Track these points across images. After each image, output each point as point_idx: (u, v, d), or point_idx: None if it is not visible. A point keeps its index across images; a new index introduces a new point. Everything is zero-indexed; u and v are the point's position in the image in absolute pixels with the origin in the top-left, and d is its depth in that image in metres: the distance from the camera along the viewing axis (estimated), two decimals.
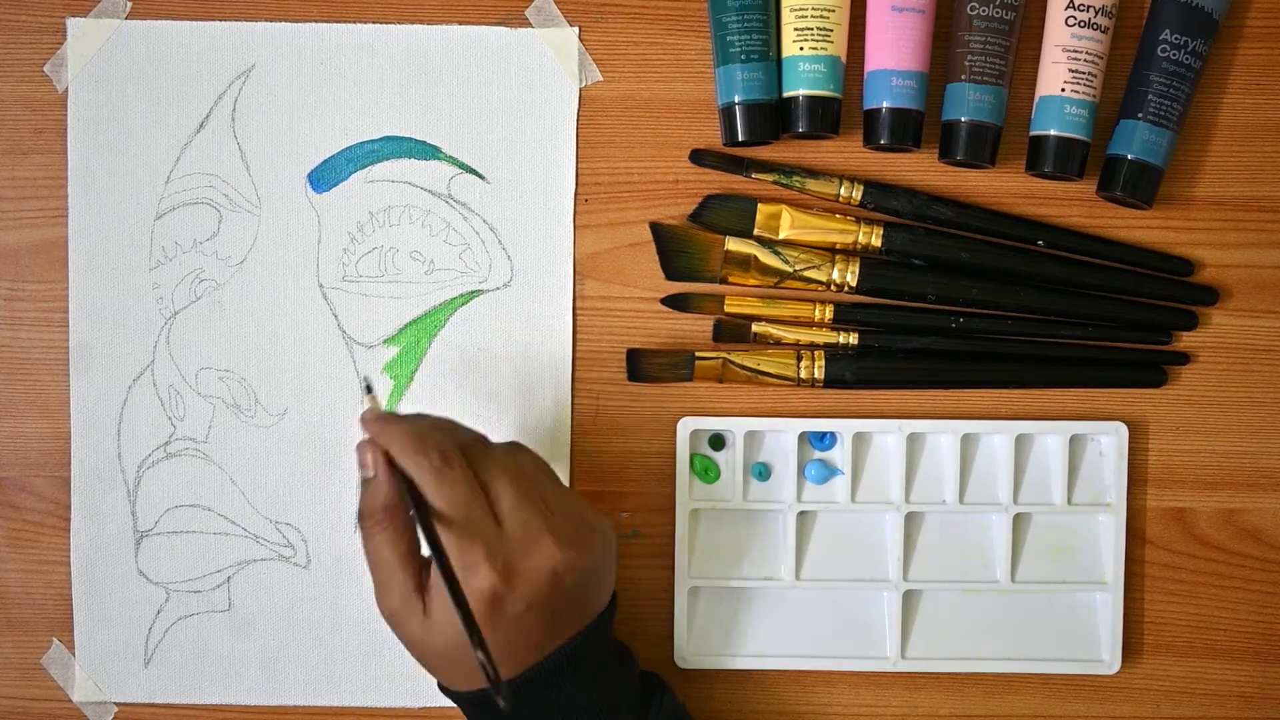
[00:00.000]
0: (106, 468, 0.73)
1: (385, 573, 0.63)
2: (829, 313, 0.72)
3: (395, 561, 0.62)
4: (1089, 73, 0.70)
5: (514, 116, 0.73)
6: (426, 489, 0.61)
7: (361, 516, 0.63)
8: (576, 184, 0.73)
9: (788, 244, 0.72)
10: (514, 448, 0.65)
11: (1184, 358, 0.74)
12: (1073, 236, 0.73)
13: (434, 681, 0.67)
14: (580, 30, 0.73)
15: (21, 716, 0.74)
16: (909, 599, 0.74)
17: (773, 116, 0.71)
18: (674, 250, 0.73)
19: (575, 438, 0.73)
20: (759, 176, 0.72)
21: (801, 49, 0.70)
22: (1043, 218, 0.73)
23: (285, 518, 0.74)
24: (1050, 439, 0.74)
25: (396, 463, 0.62)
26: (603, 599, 0.66)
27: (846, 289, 0.72)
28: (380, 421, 0.64)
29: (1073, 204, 0.74)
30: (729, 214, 0.73)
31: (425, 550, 0.62)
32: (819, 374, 0.72)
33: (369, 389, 0.67)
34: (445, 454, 0.62)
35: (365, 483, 0.63)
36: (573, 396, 0.73)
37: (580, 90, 0.73)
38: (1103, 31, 0.70)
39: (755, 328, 0.73)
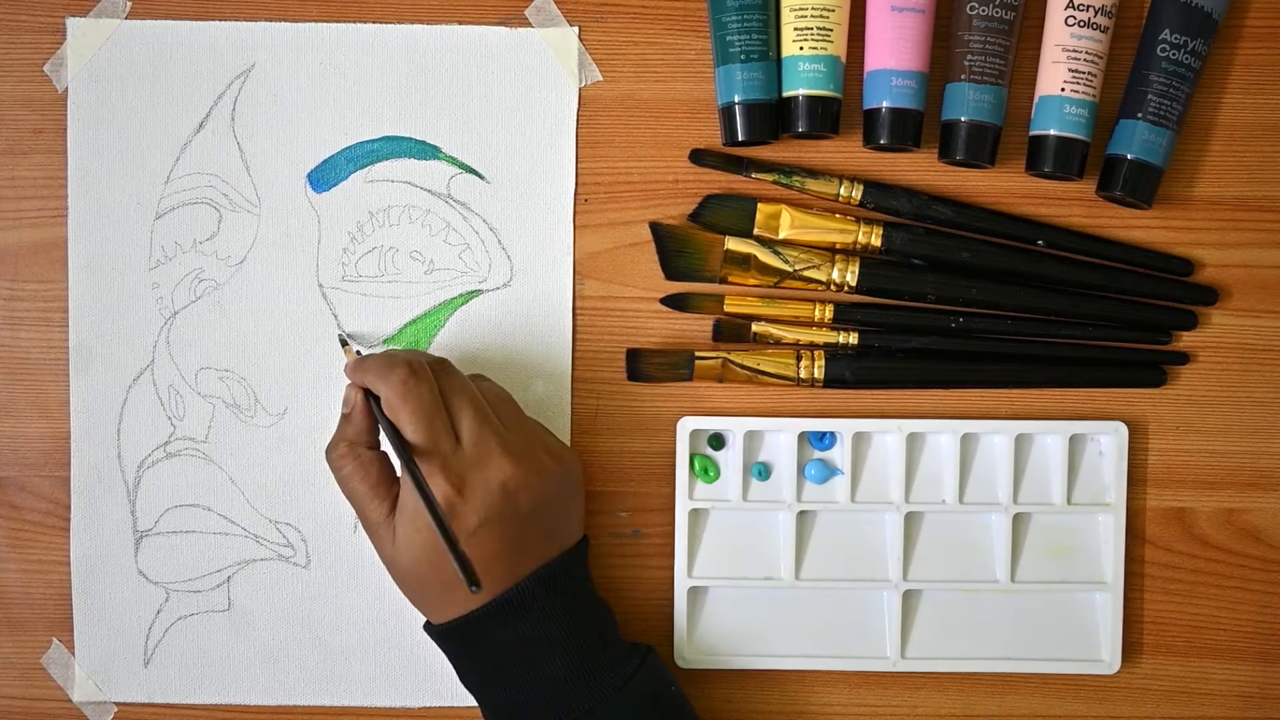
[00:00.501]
0: (106, 468, 0.73)
1: (359, 502, 0.66)
2: (829, 312, 0.72)
3: (366, 491, 0.66)
4: (1089, 73, 0.70)
5: (514, 116, 0.73)
6: (393, 401, 0.64)
7: (328, 450, 0.67)
8: (576, 184, 0.73)
9: (788, 244, 0.72)
10: (476, 377, 0.70)
11: (1184, 358, 0.74)
12: (1073, 236, 0.73)
13: (434, 681, 0.67)
14: (580, 30, 0.73)
15: (21, 716, 0.74)
16: (909, 599, 0.74)
17: (772, 116, 0.71)
18: (674, 250, 0.73)
19: (575, 438, 0.73)
20: (759, 176, 0.72)
21: (801, 49, 0.70)
22: (1043, 218, 0.73)
23: (285, 518, 0.74)
24: (1050, 439, 0.74)
25: (371, 399, 0.66)
26: (570, 530, 0.68)
27: (846, 289, 0.72)
28: (358, 361, 0.67)
29: (1073, 204, 0.74)
30: (729, 214, 0.73)
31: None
32: (819, 374, 0.72)
33: (344, 342, 0.71)
34: (413, 367, 0.65)
35: (341, 419, 0.68)
36: (573, 396, 0.73)
37: (580, 90, 0.73)
38: (1102, 31, 0.70)
39: (755, 328, 0.73)
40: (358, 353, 0.72)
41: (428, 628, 0.68)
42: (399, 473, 0.66)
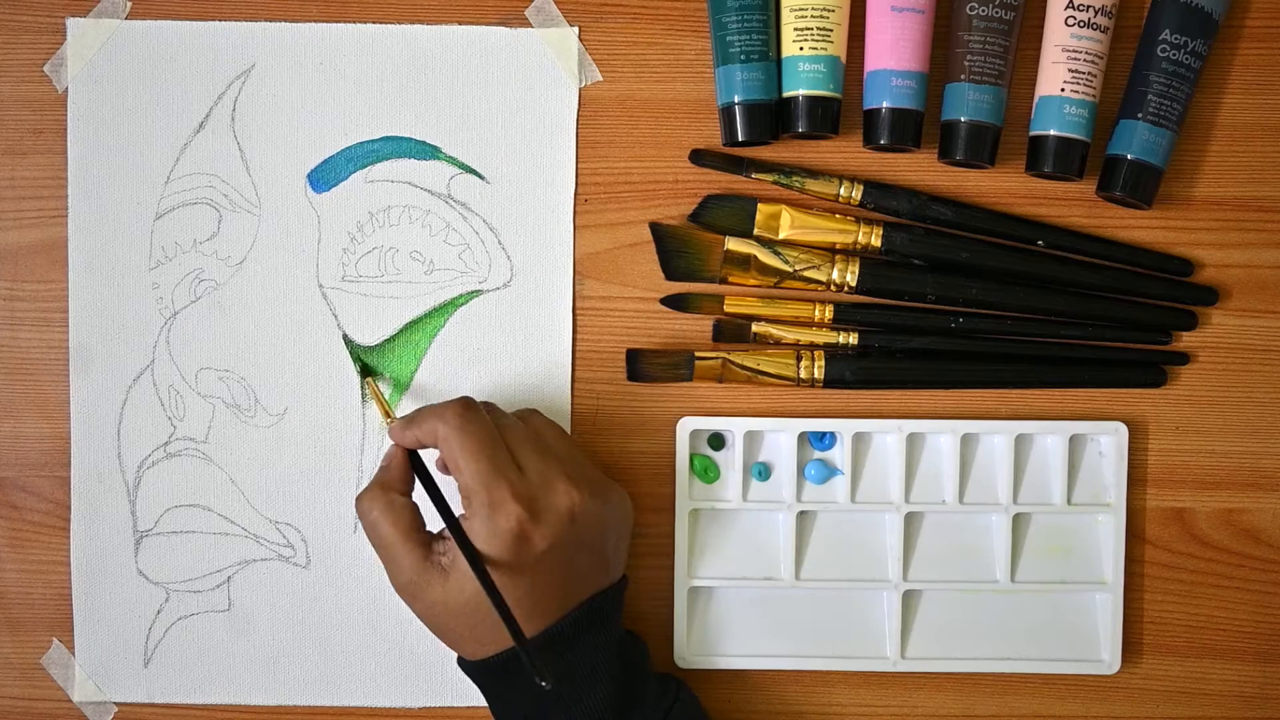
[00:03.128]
0: (106, 468, 0.73)
1: (388, 547, 0.65)
2: (829, 313, 0.72)
3: (397, 536, 0.64)
4: (1089, 73, 0.70)
5: (514, 116, 0.73)
6: (452, 438, 0.64)
7: (359, 498, 0.66)
8: (576, 184, 0.73)
9: (788, 244, 0.72)
10: (527, 413, 0.69)
11: (1184, 358, 0.74)
12: (1073, 236, 0.73)
13: (434, 681, 0.67)
14: (580, 30, 0.73)
15: (21, 716, 0.74)
16: (909, 599, 0.74)
17: (772, 116, 0.71)
18: (674, 250, 0.73)
19: (575, 438, 0.73)
20: (759, 176, 0.72)
21: (801, 49, 0.70)
22: (1043, 218, 0.73)
23: (285, 518, 0.74)
24: (1050, 439, 0.74)
25: (409, 444, 0.66)
26: (618, 564, 0.68)
27: (846, 289, 0.72)
28: (402, 420, 0.67)
29: (1073, 204, 0.74)
30: (729, 214, 0.73)
31: (433, 524, 0.65)
32: (819, 374, 0.72)
33: (369, 371, 0.72)
34: (468, 404, 0.65)
35: (377, 471, 0.68)
36: (573, 396, 0.73)
37: (580, 90, 0.73)
38: (1102, 31, 0.70)
39: (755, 328, 0.73)
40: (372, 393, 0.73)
41: (464, 664, 0.67)
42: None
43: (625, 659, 0.67)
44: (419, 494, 0.67)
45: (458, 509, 0.65)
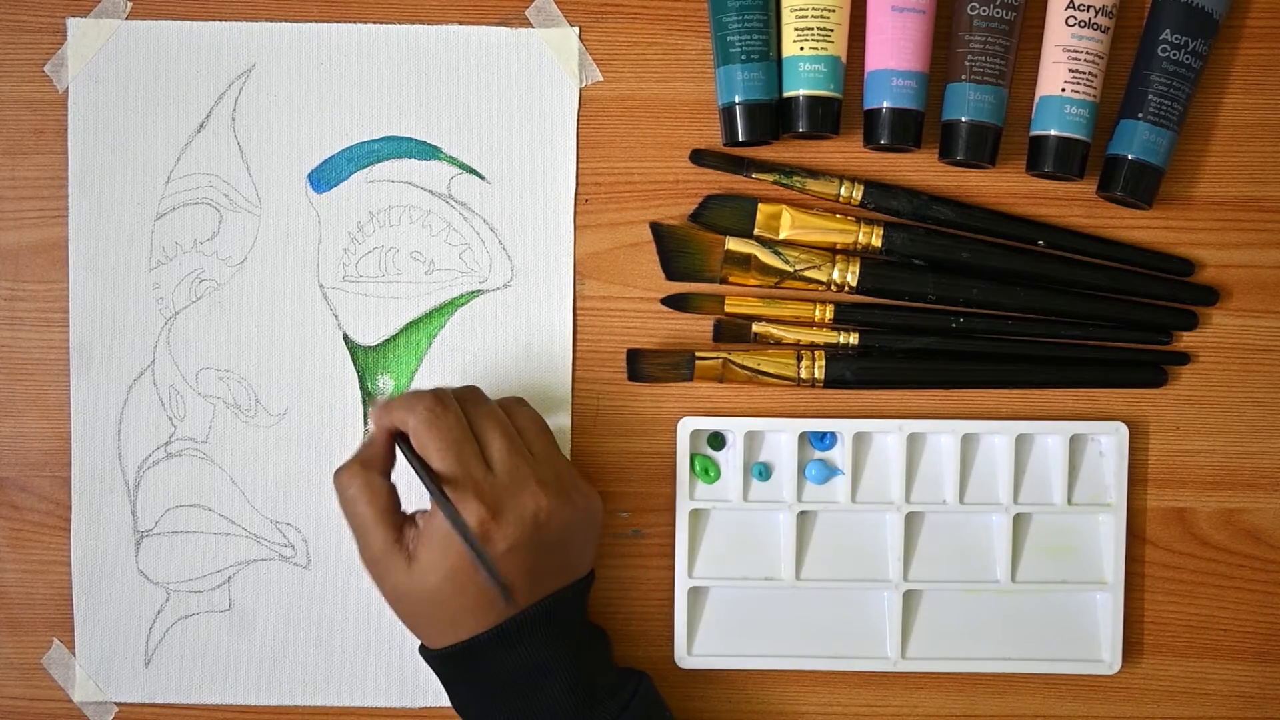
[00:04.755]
0: (106, 468, 0.73)
1: (362, 525, 0.65)
2: (829, 313, 0.72)
3: (372, 515, 0.65)
4: (1089, 73, 0.70)
5: (514, 116, 0.73)
6: (420, 431, 0.64)
7: (337, 472, 0.66)
8: (576, 184, 0.73)
9: (788, 244, 0.72)
10: (512, 402, 0.69)
11: (1184, 358, 0.74)
12: (1073, 236, 0.73)
13: (434, 681, 0.67)
14: (580, 30, 0.73)
15: (21, 716, 0.74)
16: (909, 599, 0.74)
17: (773, 116, 0.71)
18: (674, 250, 0.73)
19: (575, 438, 0.73)
20: (759, 176, 0.72)
21: (802, 49, 0.70)
22: (1043, 218, 0.73)
23: (285, 518, 0.74)
24: (1050, 439, 0.74)
25: (388, 427, 0.66)
26: (582, 565, 0.68)
27: (847, 289, 0.72)
28: (385, 402, 0.67)
29: (1073, 204, 0.74)
30: (729, 214, 0.73)
31: (405, 506, 0.66)
32: (819, 374, 0.72)
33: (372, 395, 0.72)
34: (439, 398, 0.65)
35: (359, 448, 0.67)
36: (573, 396, 0.73)
37: (580, 90, 0.73)
38: (1103, 31, 0.70)
39: (755, 328, 0.73)
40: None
41: (424, 652, 0.67)
42: (407, 508, 0.66)
43: (587, 652, 0.67)
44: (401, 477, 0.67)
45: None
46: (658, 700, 0.69)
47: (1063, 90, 0.70)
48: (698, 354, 0.73)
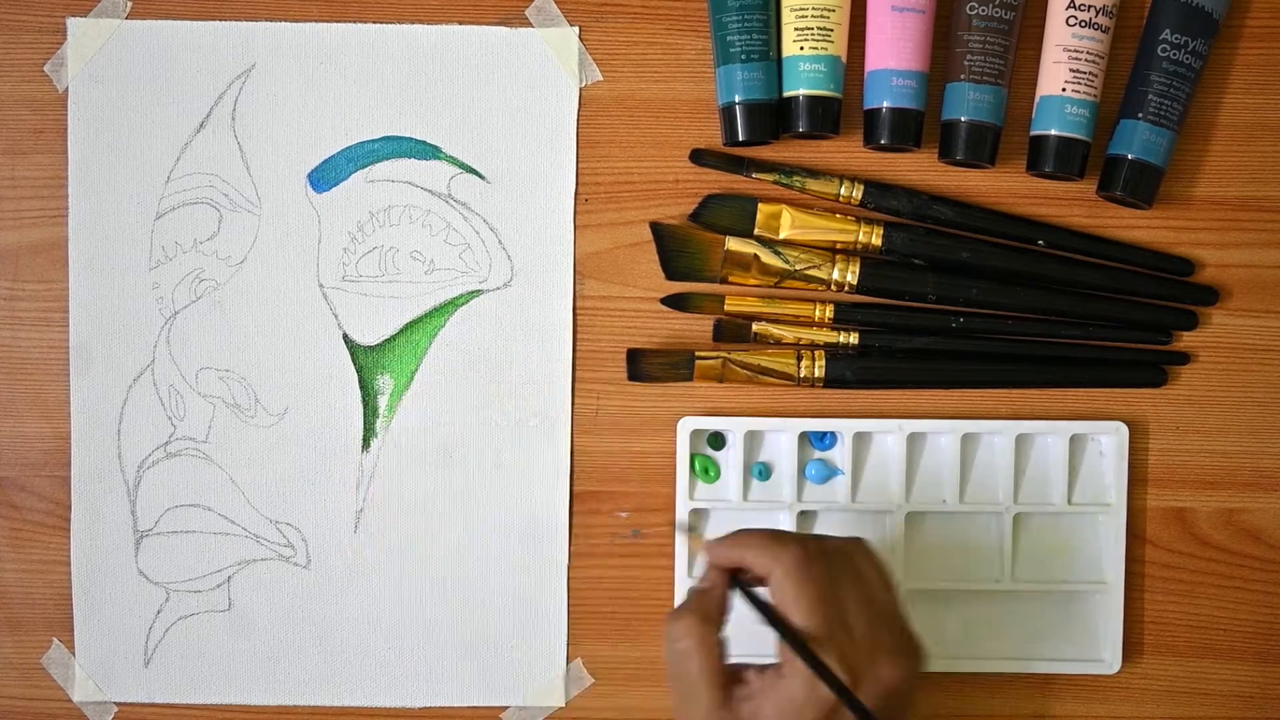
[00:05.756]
0: (106, 468, 0.73)
1: (691, 684, 0.60)
2: (829, 312, 0.72)
3: (705, 677, 0.60)
4: (1090, 72, 0.70)
5: (514, 116, 0.73)
6: (785, 584, 0.60)
7: (673, 618, 0.61)
8: (576, 184, 0.73)
9: (788, 244, 0.72)
10: (854, 546, 0.64)
11: (1184, 358, 0.74)
12: (1073, 236, 0.73)
13: (434, 681, 0.67)
14: (580, 30, 0.73)
15: (21, 716, 0.74)
16: (909, 599, 0.74)
17: (773, 116, 0.71)
18: (674, 250, 0.73)
19: (575, 438, 0.73)
20: (759, 176, 0.72)
21: (802, 49, 0.70)
22: (1043, 218, 0.73)
23: (285, 518, 0.74)
24: (1050, 439, 0.74)
25: (728, 566, 0.62)
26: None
27: (847, 288, 0.72)
28: (728, 538, 0.63)
29: (1073, 204, 0.74)
30: (729, 214, 0.73)
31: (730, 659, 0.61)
32: (819, 373, 0.72)
33: (690, 528, 0.71)
34: (806, 549, 0.61)
35: (695, 593, 0.63)
36: (573, 396, 0.73)
37: (580, 90, 0.73)
38: (1103, 31, 0.70)
39: (755, 327, 0.73)
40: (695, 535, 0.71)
41: None
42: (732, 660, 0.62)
43: None
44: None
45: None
46: None
47: (1063, 90, 0.70)
48: (698, 354, 0.73)
